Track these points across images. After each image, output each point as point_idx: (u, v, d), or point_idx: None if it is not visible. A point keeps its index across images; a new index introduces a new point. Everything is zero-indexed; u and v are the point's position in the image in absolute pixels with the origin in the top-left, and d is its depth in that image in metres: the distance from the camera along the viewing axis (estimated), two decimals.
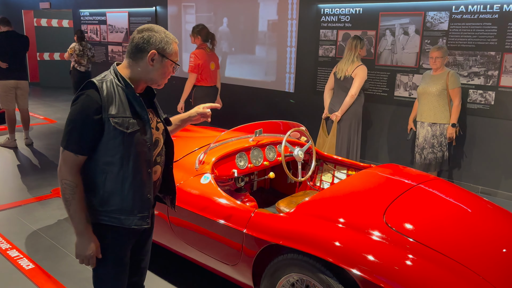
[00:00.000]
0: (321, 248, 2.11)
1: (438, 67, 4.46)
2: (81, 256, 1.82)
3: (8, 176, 5.15)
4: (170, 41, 1.82)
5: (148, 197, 1.86)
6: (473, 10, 4.90)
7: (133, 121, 1.78)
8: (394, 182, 2.78)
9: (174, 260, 3.37)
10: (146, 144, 1.82)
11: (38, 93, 11.30)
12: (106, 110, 1.73)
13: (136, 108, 1.80)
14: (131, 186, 1.80)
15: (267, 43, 6.90)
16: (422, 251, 2.05)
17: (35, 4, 11.53)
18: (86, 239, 1.79)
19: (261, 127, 3.51)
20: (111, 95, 1.75)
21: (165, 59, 1.81)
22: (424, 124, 4.56)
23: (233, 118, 7.40)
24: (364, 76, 4.68)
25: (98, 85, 1.74)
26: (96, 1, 9.82)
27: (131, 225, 1.84)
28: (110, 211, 1.82)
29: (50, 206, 4.33)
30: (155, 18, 8.54)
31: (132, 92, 1.80)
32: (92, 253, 1.81)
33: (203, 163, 2.96)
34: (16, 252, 3.43)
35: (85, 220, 1.78)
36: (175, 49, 1.84)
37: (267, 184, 3.96)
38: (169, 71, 1.86)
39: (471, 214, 2.53)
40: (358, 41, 4.73)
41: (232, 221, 2.51)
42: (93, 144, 1.75)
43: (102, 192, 1.80)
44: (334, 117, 4.82)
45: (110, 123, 1.73)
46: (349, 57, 4.76)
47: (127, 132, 1.75)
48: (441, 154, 4.55)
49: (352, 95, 4.68)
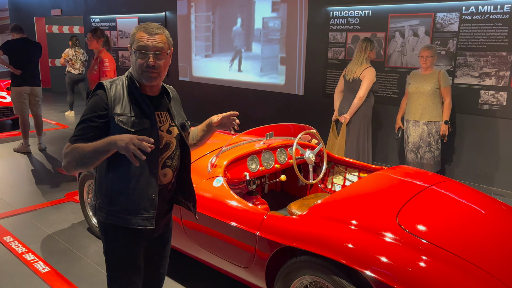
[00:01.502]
0: (334, 250, 2.12)
1: (428, 66, 4.51)
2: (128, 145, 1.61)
3: (23, 181, 5.23)
4: (135, 31, 1.80)
5: (153, 197, 1.86)
6: (483, 10, 4.87)
7: (139, 121, 1.80)
8: (407, 184, 2.78)
9: (188, 263, 3.40)
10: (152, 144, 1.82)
11: (50, 99, 11.44)
12: (113, 108, 1.78)
13: (144, 109, 1.83)
14: (136, 186, 1.82)
15: (277, 46, 6.92)
16: (436, 252, 2.05)
17: (47, 11, 11.70)
18: (117, 138, 1.65)
19: (272, 130, 3.52)
20: (119, 96, 1.80)
21: (131, 48, 1.82)
22: (419, 123, 4.57)
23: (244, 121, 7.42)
24: (372, 78, 4.68)
25: (106, 86, 1.81)
26: (106, 7, 9.94)
27: (135, 225, 1.84)
28: (117, 211, 1.84)
29: (64, 210, 4.38)
30: (164, 23, 8.62)
31: (139, 93, 1.83)
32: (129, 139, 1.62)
33: (215, 166, 2.98)
34: (32, 255, 3.48)
35: (99, 142, 1.69)
36: (137, 36, 1.77)
37: (278, 187, 3.97)
38: (139, 62, 1.78)
39: (485, 215, 2.52)
40: (368, 43, 4.74)
41: (245, 224, 2.52)
42: (94, 139, 1.71)
43: (109, 191, 1.84)
44: (343, 119, 4.82)
45: (114, 121, 1.77)
46: (358, 59, 4.76)
47: (132, 131, 1.77)
48: (438, 152, 4.60)
49: (360, 97, 4.68)
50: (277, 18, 6.84)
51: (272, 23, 6.92)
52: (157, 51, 1.78)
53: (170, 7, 8.45)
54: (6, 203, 4.52)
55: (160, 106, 1.92)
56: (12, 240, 3.72)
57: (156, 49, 1.78)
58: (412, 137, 4.64)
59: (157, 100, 1.91)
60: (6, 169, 5.71)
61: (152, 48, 1.77)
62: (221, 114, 2.10)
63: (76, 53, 8.69)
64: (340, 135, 4.85)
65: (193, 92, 8.44)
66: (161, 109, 1.92)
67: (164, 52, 1.81)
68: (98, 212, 1.90)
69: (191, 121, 8.42)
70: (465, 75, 5.09)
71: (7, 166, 5.81)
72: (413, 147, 4.65)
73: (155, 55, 1.78)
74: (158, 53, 1.79)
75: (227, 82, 7.79)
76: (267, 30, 7.00)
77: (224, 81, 7.83)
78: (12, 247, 3.60)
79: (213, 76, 8.02)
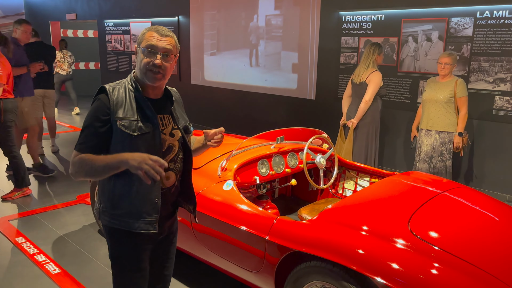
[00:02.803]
0: (344, 255, 2.10)
1: (446, 74, 4.31)
2: (142, 166, 1.64)
3: (35, 183, 5.28)
4: (145, 31, 1.82)
5: (155, 201, 1.85)
6: (498, 15, 4.81)
7: (141, 124, 1.80)
8: (419, 189, 2.75)
9: (197, 266, 3.39)
10: (154, 148, 1.82)
11: (63, 102, 11.57)
12: (114, 113, 1.77)
13: (147, 112, 1.83)
14: (139, 189, 1.82)
15: (289, 50, 6.92)
16: (448, 259, 2.01)
17: (62, 16, 11.87)
18: (127, 158, 1.68)
19: (283, 134, 3.51)
20: (121, 99, 1.80)
21: (138, 47, 1.83)
22: (432, 132, 4.43)
23: (254, 125, 7.43)
24: (378, 82, 4.63)
25: (108, 90, 1.81)
26: (120, 12, 10.05)
27: (137, 229, 1.84)
28: (120, 215, 1.84)
29: (76, 212, 4.42)
30: (177, 27, 8.68)
31: (140, 96, 1.83)
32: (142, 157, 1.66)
33: (225, 170, 2.98)
34: (43, 256, 3.50)
35: (110, 157, 1.73)
36: (147, 36, 1.79)
37: (289, 192, 3.96)
38: (145, 60, 1.78)
39: (499, 222, 2.48)
40: (376, 47, 4.69)
41: (254, 228, 2.51)
42: (102, 146, 1.78)
43: (112, 195, 1.84)
44: (350, 123, 4.80)
45: (117, 126, 1.77)
46: (366, 62, 4.72)
47: (134, 134, 1.78)
48: (450, 162, 4.43)
49: (366, 101, 4.65)
50: (289, 22, 6.84)
51: (284, 28, 6.92)
52: (166, 52, 1.80)
53: (183, 11, 8.51)
54: (18, 205, 4.58)
55: (162, 109, 1.92)
56: (24, 241, 3.76)
57: (165, 50, 1.80)
58: (425, 147, 4.50)
59: (160, 103, 1.91)
60: None
61: (162, 49, 1.79)
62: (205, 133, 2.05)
63: (64, 55, 9.38)
64: (347, 139, 4.83)
65: (205, 96, 8.48)
66: (164, 112, 1.92)
67: (171, 54, 1.82)
68: (102, 216, 1.90)
69: (203, 124, 8.46)
70: (479, 80, 5.02)
71: None
72: (426, 156, 4.51)
73: (163, 56, 1.80)
74: (166, 54, 1.80)
75: (239, 86, 7.81)
76: (279, 34, 7.01)
77: (236, 85, 7.85)
78: (24, 248, 3.64)
79: (225, 80, 8.04)
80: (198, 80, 8.54)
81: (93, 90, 11.04)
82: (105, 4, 10.42)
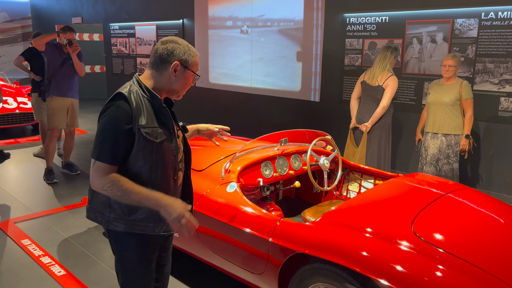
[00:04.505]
0: (348, 257, 2.09)
1: (450, 76, 4.27)
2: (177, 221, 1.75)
3: (41, 185, 5.32)
4: (192, 54, 1.87)
5: None
6: (503, 16, 4.79)
7: (161, 130, 1.83)
8: (423, 191, 2.73)
9: (201, 268, 3.39)
10: (172, 152, 1.87)
11: None
12: (137, 120, 1.76)
13: (162, 118, 1.84)
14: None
15: (293, 52, 6.93)
16: (452, 261, 2.00)
17: (68, 19, 11.95)
18: (165, 203, 1.76)
19: (287, 136, 3.51)
20: (140, 106, 1.78)
21: (187, 70, 1.86)
22: (438, 135, 4.38)
23: (258, 127, 7.44)
24: (395, 87, 4.53)
25: (127, 96, 1.77)
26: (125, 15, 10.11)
27: (160, 232, 1.88)
28: (139, 220, 1.85)
29: (81, 215, 4.44)
30: (182, 30, 8.72)
31: (158, 103, 1.84)
32: (180, 210, 1.76)
33: (229, 172, 2.98)
34: (49, 258, 3.52)
35: (149, 193, 1.75)
36: (196, 61, 1.90)
37: (293, 194, 3.95)
38: (189, 82, 1.91)
39: (504, 224, 2.46)
40: (394, 49, 4.60)
41: (257, 230, 2.51)
42: (124, 154, 1.77)
43: None
44: (364, 127, 4.66)
45: (141, 133, 1.76)
46: (382, 64, 4.59)
47: (157, 141, 1.80)
48: (457, 165, 4.40)
49: (383, 106, 4.53)
50: (293, 24, 6.85)
51: (289, 30, 6.93)
52: None
53: (188, 14, 8.55)
54: (24, 207, 4.60)
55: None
56: (29, 243, 3.78)
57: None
58: (431, 150, 4.45)
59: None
60: (26, 173, 5.82)
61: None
62: (210, 125, 2.40)
63: None
64: (361, 144, 4.69)
65: (210, 98, 8.50)
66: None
67: None
68: (113, 224, 1.86)
69: None
70: (485, 81, 5.00)
71: (27, 171, 5.93)
72: (432, 159, 4.46)
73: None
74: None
75: (243, 88, 7.82)
76: (284, 35, 7.02)
77: (240, 87, 7.86)
78: (29, 250, 3.66)
79: (229, 82, 8.06)
80: (203, 83, 8.57)
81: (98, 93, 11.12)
82: (110, 7, 10.49)
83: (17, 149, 7.03)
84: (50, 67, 5.28)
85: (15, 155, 6.62)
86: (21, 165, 6.17)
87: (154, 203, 1.75)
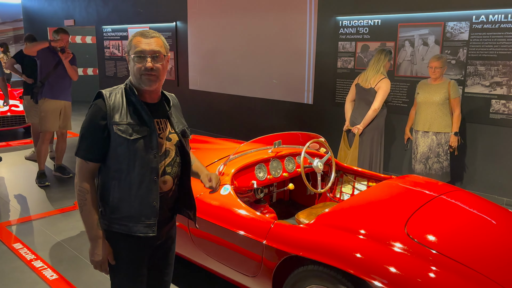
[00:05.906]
0: (342, 259, 2.10)
1: (437, 77, 4.43)
2: (93, 262, 1.89)
3: (33, 188, 5.28)
4: (132, 38, 1.85)
5: (154, 205, 1.86)
6: (494, 19, 4.84)
7: (138, 128, 1.81)
8: (415, 193, 2.75)
9: (195, 271, 3.39)
10: (151, 151, 1.83)
11: None
12: (111, 117, 1.79)
13: (144, 116, 1.84)
14: (137, 193, 1.83)
15: (286, 55, 6.94)
16: (445, 263, 2.02)
17: (60, 22, 11.89)
18: (97, 245, 1.86)
19: (280, 139, 3.52)
20: (118, 104, 1.81)
21: (129, 56, 1.85)
22: (428, 134, 4.52)
23: (252, 129, 7.44)
24: (387, 89, 4.57)
25: (105, 95, 1.83)
26: (118, 18, 10.08)
27: (137, 233, 1.85)
28: (120, 218, 1.85)
29: (73, 218, 4.41)
30: (175, 33, 8.70)
31: (137, 100, 1.84)
32: (103, 259, 1.87)
33: (222, 174, 2.98)
34: (41, 262, 3.49)
35: (95, 226, 1.84)
36: (134, 42, 1.82)
37: (287, 196, 3.96)
38: (137, 66, 1.80)
39: (496, 225, 2.48)
40: (388, 52, 4.64)
41: (251, 232, 2.51)
42: (101, 151, 1.81)
43: (112, 198, 1.85)
44: (355, 130, 4.70)
45: (114, 130, 1.79)
46: (375, 67, 4.63)
47: (130, 139, 1.79)
48: (447, 163, 4.54)
49: (375, 109, 4.56)
50: (286, 27, 6.87)
51: (282, 33, 6.94)
52: (155, 54, 1.81)
53: (181, 17, 8.54)
54: (16, 210, 4.57)
55: (159, 113, 1.92)
56: (21, 247, 3.75)
57: (153, 52, 1.80)
58: (421, 148, 4.58)
59: (157, 107, 1.92)
60: (17, 176, 5.77)
61: (149, 51, 1.80)
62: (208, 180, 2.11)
63: (8, 57, 10.18)
64: (353, 146, 4.72)
65: (204, 101, 8.49)
66: (161, 116, 1.93)
67: (161, 55, 1.83)
68: (100, 220, 1.89)
69: (201, 130, 8.46)
70: (476, 84, 5.05)
71: (19, 174, 5.88)
72: (422, 157, 4.58)
73: (153, 58, 1.80)
74: (155, 56, 1.81)
75: (236, 91, 7.82)
76: (277, 39, 7.03)
77: (234, 90, 7.86)
78: (21, 253, 3.63)
79: (222, 85, 8.06)
80: (197, 86, 8.56)
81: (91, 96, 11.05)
82: (103, 10, 10.46)
83: (9, 152, 6.97)
84: (43, 69, 5.25)
85: (6, 158, 6.57)
86: (13, 168, 6.12)
87: (88, 235, 1.86)
